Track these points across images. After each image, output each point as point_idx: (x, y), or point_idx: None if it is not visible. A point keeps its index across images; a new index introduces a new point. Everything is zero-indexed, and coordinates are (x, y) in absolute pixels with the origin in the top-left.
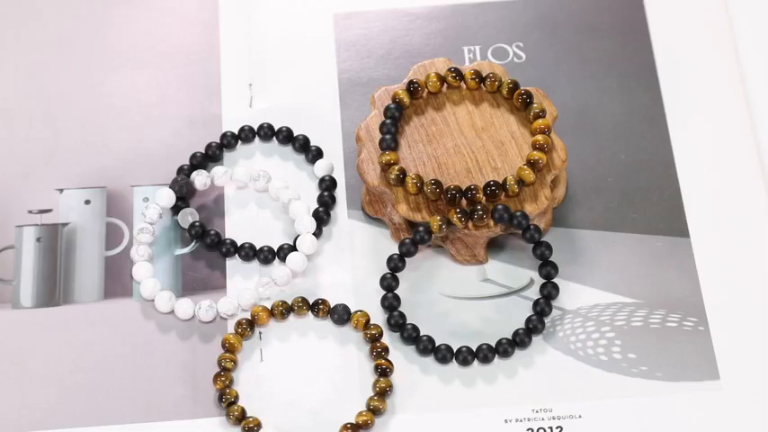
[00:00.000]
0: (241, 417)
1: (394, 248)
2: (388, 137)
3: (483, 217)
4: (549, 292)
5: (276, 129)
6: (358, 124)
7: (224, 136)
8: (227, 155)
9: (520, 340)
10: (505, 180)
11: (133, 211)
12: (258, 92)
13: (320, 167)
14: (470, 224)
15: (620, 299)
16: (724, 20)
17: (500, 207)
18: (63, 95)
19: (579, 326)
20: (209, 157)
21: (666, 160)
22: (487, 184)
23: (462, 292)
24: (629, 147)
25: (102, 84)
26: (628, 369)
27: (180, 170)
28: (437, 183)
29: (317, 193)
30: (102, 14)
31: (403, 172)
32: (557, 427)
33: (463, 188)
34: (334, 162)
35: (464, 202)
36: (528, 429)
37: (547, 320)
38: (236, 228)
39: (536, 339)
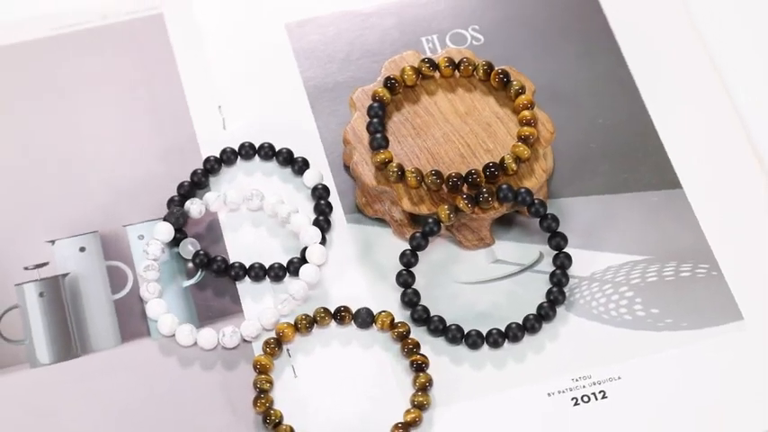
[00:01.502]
0: None
1: (398, 245)
2: (378, 136)
3: (489, 199)
4: (562, 263)
5: (257, 146)
6: (335, 129)
7: (207, 161)
8: (212, 179)
9: (545, 314)
10: (503, 159)
11: (131, 251)
12: (229, 113)
13: (310, 177)
14: (477, 208)
15: (631, 258)
16: None
17: (504, 187)
18: (35, 147)
19: (597, 290)
20: (195, 185)
21: (642, 117)
22: (487, 166)
23: (477, 277)
24: (604, 110)
25: (74, 130)
26: (654, 324)
27: (171, 202)
28: (437, 173)
29: (309, 203)
30: (64, 65)
31: (401, 168)
32: (599, 392)
33: (463, 174)
34: (319, 169)
35: (465, 187)
36: (572, 399)
37: (565, 290)
38: (237, 250)
39: (559, 311)
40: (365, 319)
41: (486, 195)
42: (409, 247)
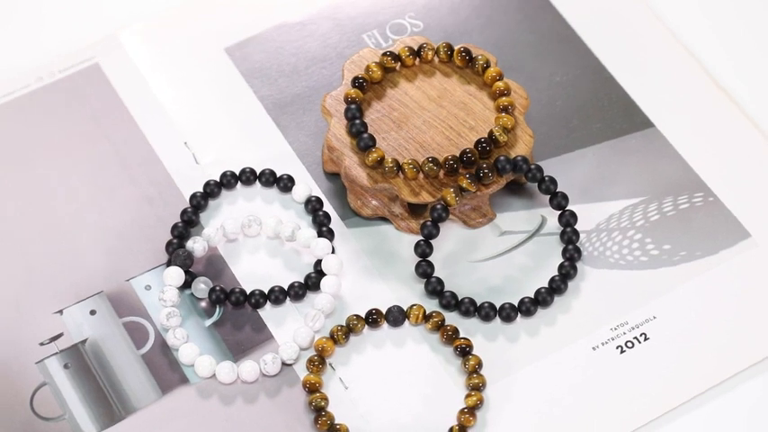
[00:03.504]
0: None
1: (404, 239)
2: (365, 136)
3: (489, 174)
4: (567, 221)
5: (238, 173)
6: (306, 141)
7: (193, 197)
8: (202, 215)
9: (566, 272)
10: (491, 133)
11: (143, 303)
12: (196, 147)
13: (299, 192)
14: (480, 185)
15: (628, 202)
16: None
17: (502, 158)
18: (13, 220)
19: (607, 239)
20: (188, 224)
21: (595, 66)
22: (478, 142)
23: (489, 252)
24: (558, 68)
25: (49, 196)
26: (669, 260)
27: (169, 245)
28: (434, 160)
29: (302, 217)
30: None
31: (396, 162)
32: (640, 335)
33: (458, 155)
34: (306, 178)
35: (461, 168)
36: (617, 348)
37: (571, 247)
38: (246, 279)
39: (578, 267)
40: (397, 317)
41: (486, 171)
42: (422, 238)
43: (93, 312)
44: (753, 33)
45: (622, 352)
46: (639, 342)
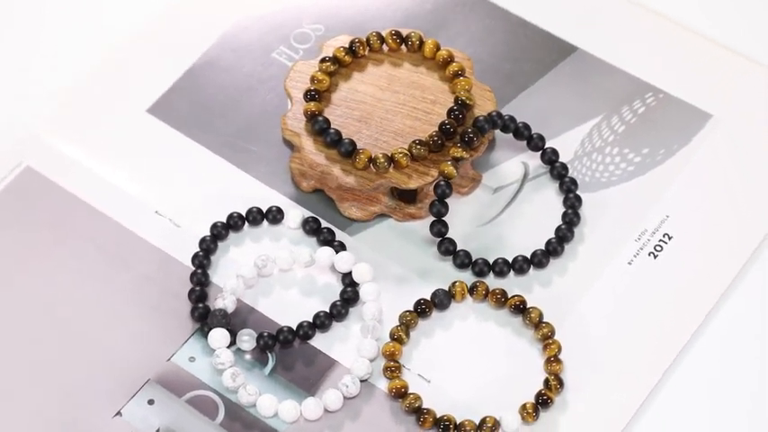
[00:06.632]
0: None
1: (408, 228)
2: (345, 141)
3: (474, 138)
4: (549, 158)
5: (225, 221)
6: (270, 171)
7: (195, 257)
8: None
9: (572, 204)
10: (458, 98)
11: (194, 375)
12: (169, 212)
13: (293, 217)
14: (471, 150)
15: (590, 123)
16: None
17: (480, 119)
18: (31, 340)
19: (590, 162)
20: (202, 284)
21: (501, 13)
22: (451, 110)
23: (490, 214)
24: (467, 26)
25: (49, 311)
26: (653, 162)
27: (194, 311)
28: (420, 142)
29: (302, 242)
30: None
31: (387, 157)
32: (663, 236)
33: (438, 129)
34: (288, 206)
35: (445, 141)
36: (649, 254)
37: (567, 179)
38: (277, 316)
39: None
40: (443, 299)
41: (471, 135)
42: (434, 218)
43: (151, 402)
44: None
45: (655, 257)
46: (666, 243)
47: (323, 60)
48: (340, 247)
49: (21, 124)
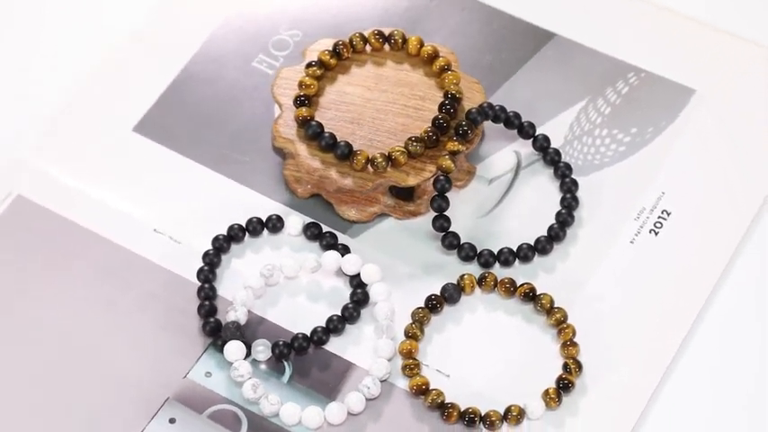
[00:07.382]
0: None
1: (409, 225)
2: (341, 143)
3: (468, 130)
4: (541, 144)
5: (226, 234)
6: (266, 180)
7: (200, 271)
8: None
9: (568, 188)
10: (448, 92)
11: (211, 389)
12: (168, 230)
13: (293, 224)
14: (467, 143)
15: (576, 107)
16: None
17: (473, 111)
18: (45, 368)
19: (580, 146)
20: (209, 298)
21: (473, 5)
22: (442, 104)
23: (488, 205)
24: (443, 21)
25: (63, 340)
26: (643, 140)
27: (206, 326)
28: (416, 138)
29: (304, 249)
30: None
31: (385, 156)
32: (662, 212)
33: (432, 125)
34: (285, 213)
35: (439, 135)
36: (650, 231)
37: (562, 164)
38: (288, 324)
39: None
40: (453, 293)
41: (465, 128)
42: (436, 213)
43: (172, 421)
44: None
45: (656, 234)
46: (666, 219)
47: (309, 65)
48: (344, 250)
49: (5, 152)
